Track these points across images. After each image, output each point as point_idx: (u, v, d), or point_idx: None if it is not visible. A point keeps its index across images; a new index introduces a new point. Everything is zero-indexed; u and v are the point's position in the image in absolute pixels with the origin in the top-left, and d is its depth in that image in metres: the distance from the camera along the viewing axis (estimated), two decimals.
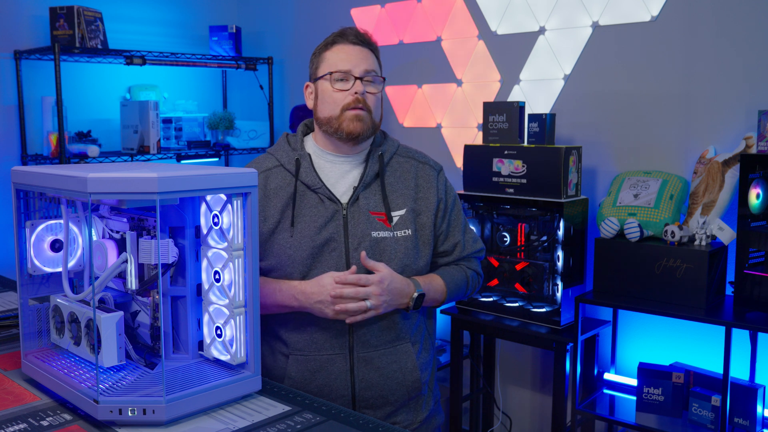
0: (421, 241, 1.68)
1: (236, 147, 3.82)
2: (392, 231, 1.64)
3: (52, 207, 1.44)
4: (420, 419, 1.72)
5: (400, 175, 1.70)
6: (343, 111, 1.62)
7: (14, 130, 3.30)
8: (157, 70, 3.78)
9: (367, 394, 1.64)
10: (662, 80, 2.61)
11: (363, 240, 1.61)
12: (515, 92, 3.04)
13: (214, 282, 1.33)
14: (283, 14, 3.97)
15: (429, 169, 1.74)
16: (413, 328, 1.70)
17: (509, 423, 3.11)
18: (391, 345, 1.65)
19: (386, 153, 1.70)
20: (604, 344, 2.79)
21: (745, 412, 2.24)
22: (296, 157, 1.67)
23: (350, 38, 1.65)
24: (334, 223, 1.62)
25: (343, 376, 1.62)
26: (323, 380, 1.63)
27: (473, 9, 3.14)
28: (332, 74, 1.63)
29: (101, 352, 1.26)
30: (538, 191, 2.54)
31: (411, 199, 1.69)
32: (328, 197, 1.63)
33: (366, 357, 1.63)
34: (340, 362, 1.62)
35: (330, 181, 1.67)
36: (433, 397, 1.77)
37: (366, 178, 1.65)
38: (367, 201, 1.65)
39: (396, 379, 1.65)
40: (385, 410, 1.66)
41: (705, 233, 2.32)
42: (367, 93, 1.63)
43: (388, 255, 1.62)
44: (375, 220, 1.63)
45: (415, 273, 1.66)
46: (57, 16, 3.20)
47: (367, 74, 1.63)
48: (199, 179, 1.21)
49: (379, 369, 1.64)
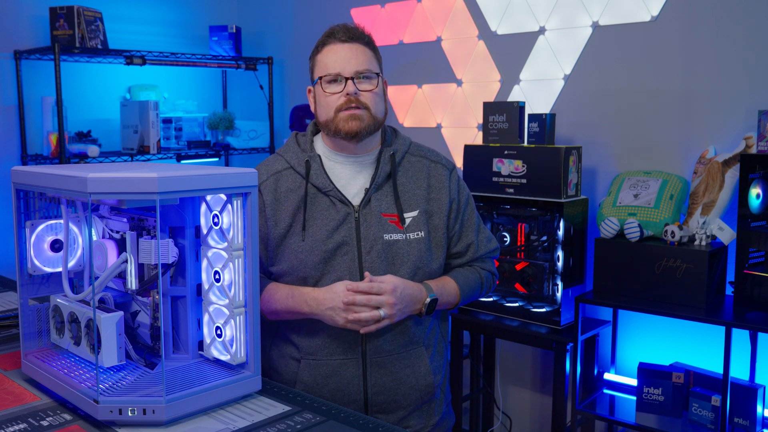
0: (434, 243, 1.66)
1: (236, 147, 3.82)
2: (405, 233, 1.61)
3: (52, 207, 1.44)
4: (432, 423, 1.69)
5: (412, 175, 1.67)
6: (336, 113, 1.59)
7: (14, 130, 3.30)
8: (157, 70, 3.78)
9: (380, 399, 1.61)
10: (662, 80, 2.61)
11: (375, 243, 1.59)
12: (515, 92, 3.04)
13: (214, 282, 1.33)
14: (283, 14, 3.97)
15: (441, 168, 1.70)
16: (427, 332, 1.68)
17: (509, 423, 3.11)
18: (405, 350, 1.63)
19: (398, 153, 1.67)
20: (604, 344, 2.79)
21: (745, 412, 2.24)
22: (306, 158, 1.64)
23: (340, 36, 1.61)
24: (346, 226, 1.59)
25: (356, 381, 1.60)
26: (336, 385, 1.60)
27: (473, 9, 3.14)
28: (322, 78, 1.60)
29: (101, 352, 1.26)
30: (538, 191, 2.54)
31: (423, 200, 1.65)
32: (339, 200, 1.60)
33: (379, 362, 1.60)
34: (353, 367, 1.60)
35: (341, 182, 1.64)
36: (445, 399, 1.75)
37: (378, 179, 1.62)
38: (379, 203, 1.62)
39: (409, 384, 1.63)
40: (397, 414, 1.64)
41: (705, 233, 2.32)
42: (361, 91, 1.59)
43: (401, 258, 1.60)
44: (387, 222, 1.60)
45: (428, 275, 1.64)
46: (57, 16, 3.20)
47: (358, 73, 1.59)
48: (199, 179, 1.21)
49: (393, 373, 1.61)
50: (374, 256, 1.58)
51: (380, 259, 1.58)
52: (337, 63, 1.59)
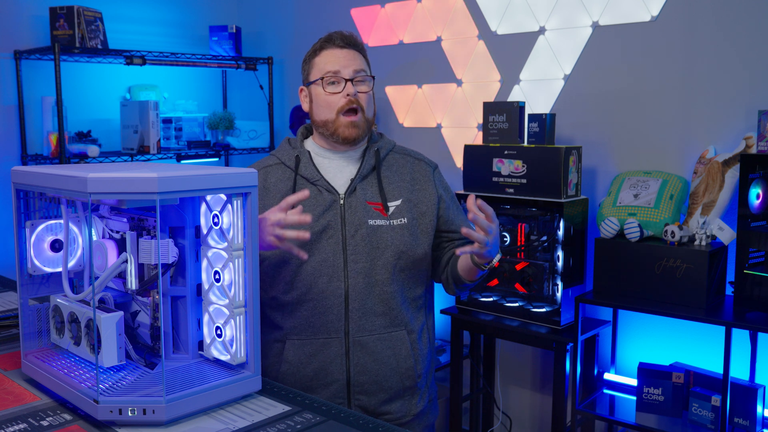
0: (420, 230, 1.73)
1: (236, 147, 3.82)
2: (388, 219, 1.70)
3: (52, 207, 1.44)
4: (414, 412, 1.75)
5: (396, 170, 1.77)
6: (338, 115, 1.69)
7: (14, 130, 3.30)
8: (157, 70, 3.77)
9: (362, 379, 1.68)
10: (662, 80, 2.61)
11: (360, 227, 1.67)
12: (515, 92, 3.04)
13: (214, 282, 1.33)
14: (283, 14, 3.97)
15: (425, 166, 1.81)
16: (410, 318, 1.74)
17: (509, 423, 3.11)
18: (386, 331, 1.69)
19: (382, 149, 1.77)
20: (604, 344, 2.79)
21: (745, 412, 2.24)
22: (296, 154, 1.74)
23: (337, 42, 1.72)
24: (331, 211, 1.68)
25: (339, 359, 1.67)
26: (319, 364, 1.67)
27: (473, 9, 3.14)
28: (323, 78, 1.70)
29: (101, 352, 1.26)
30: (538, 191, 2.54)
31: (407, 191, 1.74)
32: (326, 189, 1.70)
33: (361, 341, 1.67)
34: (336, 346, 1.67)
35: (328, 174, 1.73)
36: (428, 392, 1.81)
37: (363, 170, 1.72)
38: (364, 192, 1.71)
39: (390, 365, 1.69)
40: (379, 397, 1.70)
41: (705, 233, 2.32)
42: (358, 93, 1.70)
43: (385, 242, 1.67)
44: (372, 209, 1.69)
45: (412, 261, 1.70)
46: (57, 16, 3.20)
47: (356, 74, 1.70)
48: (199, 179, 1.21)
49: (374, 354, 1.68)
50: (358, 240, 1.66)
51: (364, 243, 1.66)
52: (338, 64, 1.70)
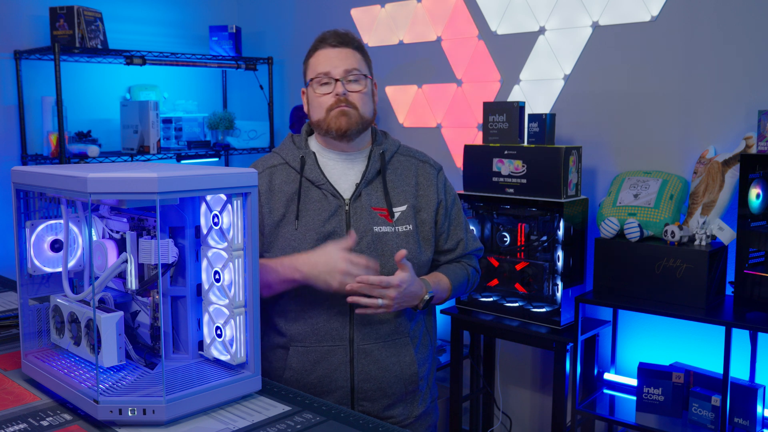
0: (422, 237, 1.73)
1: (236, 147, 3.82)
2: (394, 226, 1.68)
3: (52, 207, 1.44)
4: (415, 414, 1.75)
5: (401, 173, 1.75)
6: (327, 113, 1.68)
7: (14, 130, 3.30)
8: (157, 70, 3.77)
9: (366, 386, 1.67)
10: (662, 80, 2.61)
11: (365, 234, 1.65)
12: (515, 92, 3.04)
13: (214, 282, 1.33)
14: (283, 14, 3.97)
15: (429, 168, 1.79)
16: (412, 324, 1.73)
17: (509, 423, 3.11)
18: (391, 339, 1.68)
19: (387, 151, 1.75)
20: (604, 344, 2.78)
21: (745, 412, 2.24)
22: (301, 155, 1.72)
23: (330, 41, 1.71)
24: (337, 217, 1.66)
25: (343, 367, 1.66)
26: (323, 371, 1.66)
27: (473, 9, 3.14)
28: (314, 79, 1.70)
29: (101, 352, 1.26)
30: (538, 191, 2.54)
31: (412, 196, 1.73)
32: (331, 193, 1.68)
33: (366, 349, 1.66)
34: (341, 353, 1.65)
35: (333, 177, 1.71)
36: (430, 394, 1.81)
37: (368, 175, 1.70)
38: (369, 197, 1.69)
39: (394, 372, 1.68)
40: (381, 403, 1.69)
41: (705, 233, 2.32)
42: (350, 92, 1.68)
43: (390, 249, 1.66)
44: (377, 215, 1.68)
45: (417, 268, 1.69)
46: (57, 16, 3.20)
47: (348, 74, 1.68)
48: (199, 179, 1.21)
49: (378, 361, 1.67)
50: (364, 247, 1.64)
51: (369, 250, 1.65)
52: (328, 64, 1.69)
